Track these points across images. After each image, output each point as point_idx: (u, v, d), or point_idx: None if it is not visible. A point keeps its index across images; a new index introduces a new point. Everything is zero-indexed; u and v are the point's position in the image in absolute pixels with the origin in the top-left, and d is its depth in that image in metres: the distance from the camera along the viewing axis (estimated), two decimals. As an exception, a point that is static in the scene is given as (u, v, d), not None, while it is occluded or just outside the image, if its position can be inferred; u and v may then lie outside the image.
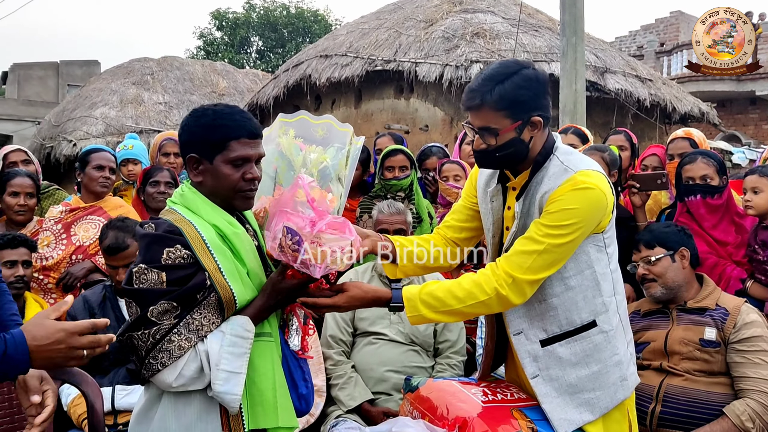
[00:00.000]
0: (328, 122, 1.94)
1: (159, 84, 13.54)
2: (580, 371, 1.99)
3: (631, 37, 19.32)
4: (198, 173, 1.81)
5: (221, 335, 1.71)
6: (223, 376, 1.68)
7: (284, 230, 1.71)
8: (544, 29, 9.22)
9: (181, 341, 1.68)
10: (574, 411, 1.98)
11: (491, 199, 2.06)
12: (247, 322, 1.75)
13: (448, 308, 1.89)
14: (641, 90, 9.03)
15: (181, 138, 1.84)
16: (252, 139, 1.80)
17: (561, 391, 1.99)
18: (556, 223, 1.86)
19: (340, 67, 9.37)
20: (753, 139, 15.08)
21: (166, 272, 1.69)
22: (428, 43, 8.83)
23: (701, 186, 3.09)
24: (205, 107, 1.84)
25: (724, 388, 2.54)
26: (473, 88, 1.89)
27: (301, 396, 1.91)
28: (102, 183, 3.58)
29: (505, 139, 1.89)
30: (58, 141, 12.19)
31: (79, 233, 3.44)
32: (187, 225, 1.74)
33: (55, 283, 3.33)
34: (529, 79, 1.87)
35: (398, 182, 3.69)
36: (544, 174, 1.94)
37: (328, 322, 3.07)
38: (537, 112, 1.89)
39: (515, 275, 1.86)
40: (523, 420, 1.94)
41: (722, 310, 2.62)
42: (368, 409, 2.86)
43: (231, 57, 24.22)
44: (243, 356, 1.72)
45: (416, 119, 9.01)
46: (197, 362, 1.70)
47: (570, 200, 1.85)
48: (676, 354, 2.61)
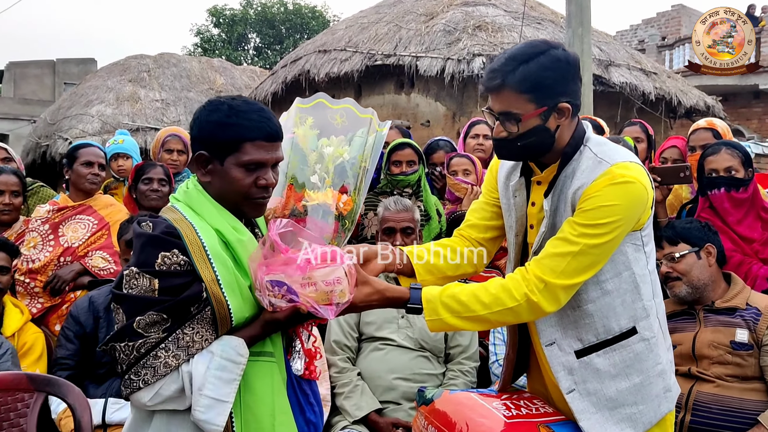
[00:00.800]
0: (348, 107, 1.77)
1: (156, 81, 13.41)
2: (621, 384, 1.81)
3: (632, 31, 19.22)
4: (206, 173, 1.63)
5: (209, 356, 1.53)
6: (206, 402, 1.51)
7: (268, 285, 1.55)
8: (547, 22, 9.11)
9: (168, 358, 1.51)
10: (614, 428, 1.80)
11: (514, 193, 1.87)
12: (241, 346, 1.57)
13: (472, 314, 1.69)
14: (646, 83, 8.92)
15: (192, 131, 1.67)
16: (269, 142, 1.62)
17: (600, 406, 1.81)
18: (592, 221, 1.67)
19: (339, 62, 9.24)
20: (756, 133, 14.97)
21: (160, 279, 1.52)
22: (429, 37, 8.70)
23: (725, 179, 2.92)
24: (221, 100, 1.65)
25: (760, 395, 2.39)
26: (494, 68, 1.70)
27: (309, 422, 1.74)
28: (91, 180, 3.41)
29: (528, 127, 1.70)
30: (54, 139, 12.07)
31: (67, 234, 3.28)
32: (187, 227, 1.57)
33: (43, 286, 3.17)
34: (557, 60, 1.67)
35: (406, 178, 3.52)
36: (574, 167, 1.75)
37: (332, 326, 2.91)
38: (565, 98, 1.70)
39: (548, 280, 1.67)
40: None
41: (754, 309, 2.48)
42: (376, 420, 2.69)
43: (228, 54, 24.09)
44: (231, 383, 1.54)
45: (417, 114, 8.88)
46: (178, 383, 1.52)
47: (608, 196, 1.66)
48: (705, 358, 2.47)
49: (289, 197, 1.76)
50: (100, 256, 3.24)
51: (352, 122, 1.77)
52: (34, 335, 2.92)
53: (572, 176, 1.75)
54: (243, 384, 1.59)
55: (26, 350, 2.81)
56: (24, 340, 2.86)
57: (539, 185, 1.85)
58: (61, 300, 3.18)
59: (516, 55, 1.68)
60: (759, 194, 3.00)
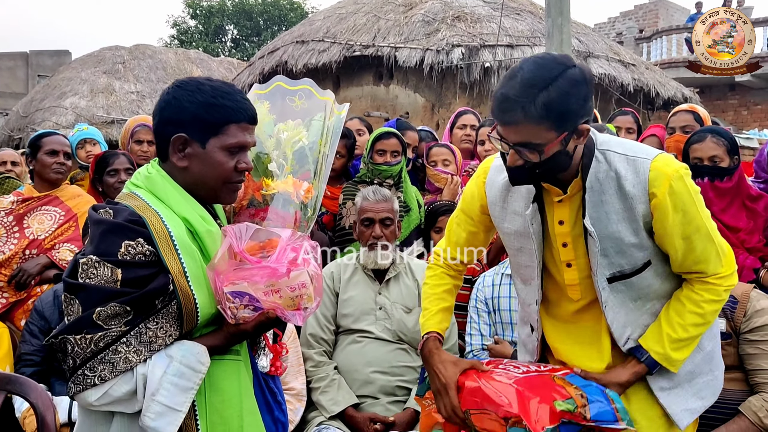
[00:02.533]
0: (307, 88, 1.71)
1: (131, 73, 13.25)
2: (696, 356, 1.83)
3: (610, 23, 19.33)
4: (183, 157, 1.54)
5: (168, 360, 1.44)
6: (158, 409, 1.42)
7: (229, 296, 1.47)
8: (526, 13, 9.09)
9: (129, 354, 1.41)
10: (694, 399, 1.83)
11: (531, 221, 1.80)
12: (203, 354, 1.48)
13: (696, 335, 1.78)
14: (624, 75, 8.96)
15: (163, 113, 1.55)
16: (251, 125, 1.57)
17: (680, 381, 1.82)
18: (696, 221, 1.71)
19: (317, 53, 9.16)
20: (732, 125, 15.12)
21: (123, 270, 1.42)
22: (408, 27, 8.66)
23: (709, 168, 2.88)
24: (200, 81, 1.56)
25: (740, 384, 2.39)
26: (510, 97, 1.56)
27: (277, 420, 1.68)
28: (56, 169, 3.28)
29: (549, 154, 1.60)
30: (27, 132, 11.84)
31: (33, 225, 3.16)
32: (153, 215, 1.48)
33: (7, 280, 3.04)
34: (576, 83, 1.56)
35: (389, 168, 3.43)
36: (597, 173, 1.70)
37: (308, 319, 2.83)
38: (584, 119, 1.61)
39: (727, 272, 1.78)
40: (569, 387, 1.72)
41: (730, 298, 2.44)
42: (353, 415, 2.63)
43: (205, 46, 23.81)
44: (188, 392, 1.45)
45: (396, 106, 8.82)
46: (131, 385, 1.43)
47: (681, 196, 1.68)
48: None
49: (247, 187, 1.69)
50: (67, 248, 3.12)
51: (311, 104, 1.71)
52: None
53: (615, 184, 1.70)
54: (209, 384, 1.52)
55: None
56: None
57: (560, 203, 1.78)
58: (27, 294, 3.06)
59: (532, 81, 1.55)
60: (745, 182, 2.97)
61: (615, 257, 1.74)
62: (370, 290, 2.82)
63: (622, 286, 1.77)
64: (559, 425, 1.61)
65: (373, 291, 2.82)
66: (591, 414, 1.64)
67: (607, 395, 1.72)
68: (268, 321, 1.52)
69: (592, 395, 1.70)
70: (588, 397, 1.68)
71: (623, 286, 1.78)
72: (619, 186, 1.68)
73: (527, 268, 1.88)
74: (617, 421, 1.66)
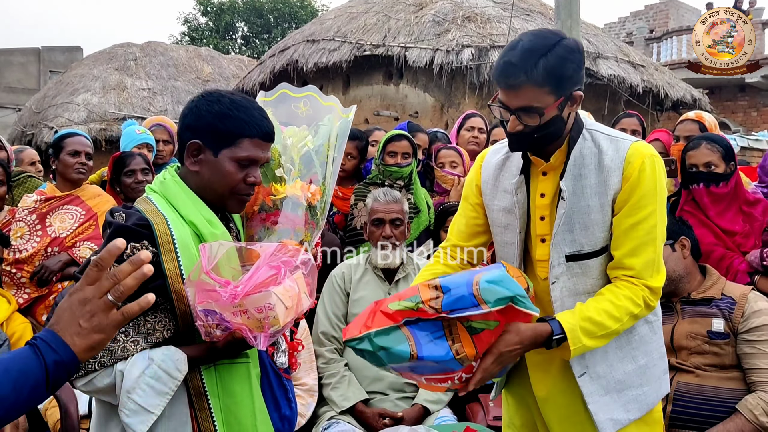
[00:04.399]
0: (311, 95, 1.77)
1: (142, 70, 13.29)
2: (627, 366, 1.86)
3: (620, 23, 19.26)
4: (196, 162, 1.62)
5: (148, 362, 1.50)
6: (132, 407, 1.48)
7: (201, 314, 1.50)
8: (536, 13, 9.11)
9: (127, 343, 1.50)
10: (620, 410, 1.85)
11: (516, 191, 1.87)
12: (182, 362, 1.53)
13: (606, 330, 1.73)
14: (633, 76, 8.95)
15: (185, 119, 1.64)
16: (265, 141, 1.63)
17: (608, 389, 1.85)
18: (649, 209, 1.74)
19: (328, 52, 9.20)
20: (742, 126, 15.08)
21: None
22: (418, 28, 8.68)
23: (704, 174, 2.95)
24: (222, 93, 1.65)
25: (738, 383, 2.43)
26: (513, 63, 1.66)
27: (284, 417, 1.75)
28: (78, 169, 3.36)
29: (548, 118, 1.71)
30: (40, 128, 11.94)
31: (54, 224, 3.24)
32: (160, 218, 1.56)
33: (29, 277, 3.14)
34: (572, 50, 1.69)
35: (400, 170, 3.49)
36: (582, 148, 1.79)
37: (320, 318, 2.92)
38: (578, 86, 1.73)
39: (652, 285, 1.77)
40: (427, 288, 1.57)
41: (728, 299, 2.52)
42: (362, 410, 2.71)
43: (216, 43, 23.88)
44: (162, 396, 1.50)
45: (406, 105, 8.86)
46: (110, 379, 1.50)
47: (648, 178, 1.73)
48: (683, 349, 2.51)
49: (258, 193, 1.76)
50: (87, 246, 3.21)
51: (316, 110, 1.77)
52: (21, 325, 2.89)
53: (596, 159, 1.77)
54: (221, 387, 1.59)
55: (14, 340, 2.78)
56: (12, 330, 2.84)
57: (545, 176, 1.86)
58: (48, 291, 3.15)
59: (533, 48, 1.66)
60: (742, 188, 3.02)
61: (579, 234, 1.79)
62: (380, 290, 2.90)
63: (578, 268, 1.81)
64: (407, 325, 1.48)
65: (382, 291, 2.89)
66: (443, 304, 1.49)
67: (472, 283, 1.52)
68: (236, 341, 1.53)
69: (451, 286, 1.53)
70: (443, 288, 1.53)
71: (579, 269, 1.82)
72: (599, 161, 1.77)
73: (510, 246, 1.92)
74: (478, 305, 1.49)
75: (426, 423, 2.67)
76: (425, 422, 2.68)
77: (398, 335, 1.46)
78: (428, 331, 1.48)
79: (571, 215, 1.78)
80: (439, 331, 1.49)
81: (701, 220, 2.99)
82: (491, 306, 1.46)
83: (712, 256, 2.90)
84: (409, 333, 1.47)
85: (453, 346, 1.48)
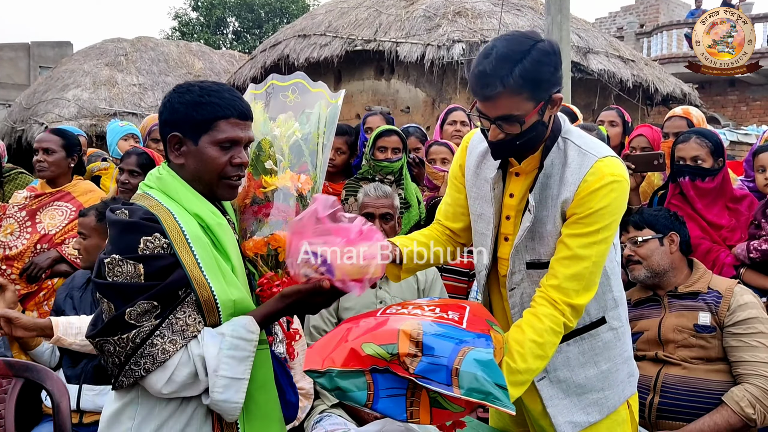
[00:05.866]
0: (299, 81, 1.77)
1: (133, 65, 13.23)
2: (589, 371, 1.86)
3: (611, 18, 19.33)
4: (179, 155, 1.63)
5: (220, 338, 1.52)
6: (223, 383, 1.50)
7: (305, 251, 1.53)
8: (527, 8, 9.13)
9: (165, 344, 1.49)
10: (580, 413, 1.86)
11: (493, 186, 1.87)
12: (251, 322, 1.56)
13: (535, 372, 1.69)
14: (624, 71, 9.00)
15: (161, 116, 1.65)
16: (242, 120, 1.63)
17: (569, 392, 1.87)
18: (593, 228, 1.70)
19: (319, 47, 9.21)
20: (731, 121, 15.17)
21: (144, 264, 1.50)
22: (409, 23, 8.70)
23: (690, 168, 2.97)
24: (191, 83, 1.65)
25: (724, 375, 2.46)
26: (488, 73, 1.62)
27: (288, 403, 1.77)
28: (38, 168, 3.31)
29: (529, 125, 1.69)
30: (30, 124, 11.87)
31: (44, 221, 3.24)
32: (165, 212, 1.56)
33: (19, 273, 3.14)
34: (547, 53, 1.65)
35: (390, 164, 3.50)
36: (554, 159, 1.77)
37: (311, 312, 2.93)
38: (556, 88, 1.70)
39: (574, 303, 1.71)
40: (410, 333, 1.52)
41: (715, 293, 2.53)
42: (353, 403, 2.73)
43: (207, 38, 23.79)
44: (246, 360, 1.53)
45: (397, 100, 8.88)
46: (190, 367, 1.51)
47: (601, 198, 1.69)
48: (671, 342, 2.53)
49: (249, 186, 1.76)
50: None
51: (305, 98, 1.76)
52: None
53: (561, 170, 1.76)
54: None
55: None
56: None
57: (517, 176, 1.86)
58: (38, 287, 3.16)
59: (507, 55, 1.63)
60: (729, 185, 3.05)
61: (537, 243, 1.80)
62: (370, 284, 2.91)
63: (537, 276, 1.82)
64: (372, 373, 1.44)
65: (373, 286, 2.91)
66: (417, 368, 1.43)
67: (455, 358, 1.44)
68: (317, 290, 1.56)
69: (434, 349, 1.45)
70: (425, 348, 1.45)
71: (537, 277, 1.82)
72: (562, 174, 1.75)
73: (482, 236, 1.93)
74: (451, 386, 1.41)
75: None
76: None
77: (360, 381, 1.44)
78: (391, 386, 1.45)
79: (534, 225, 1.79)
80: (402, 390, 1.45)
81: (688, 213, 3.01)
82: (463, 394, 1.39)
83: (698, 250, 2.93)
84: (371, 381, 1.44)
85: (409, 408, 1.45)
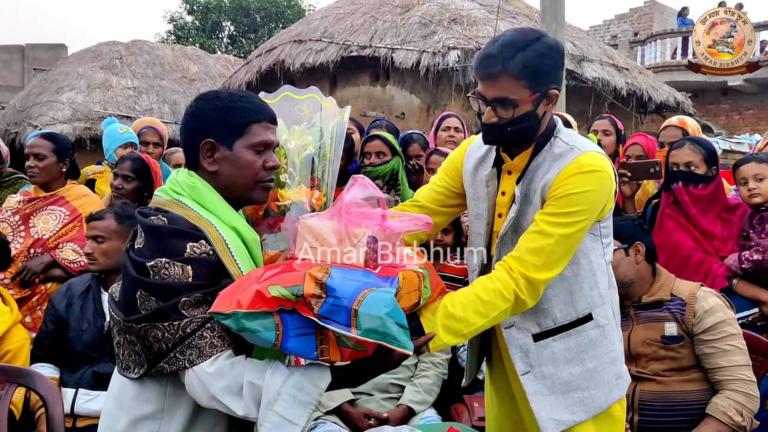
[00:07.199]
0: (313, 96, 1.77)
1: (128, 68, 13.21)
2: (574, 368, 1.86)
3: (605, 26, 19.43)
4: (213, 162, 1.60)
5: (288, 372, 1.46)
6: (275, 419, 1.42)
7: (368, 240, 1.49)
8: (522, 16, 9.19)
9: (214, 338, 1.46)
10: (565, 411, 1.85)
11: (486, 183, 1.91)
12: (325, 371, 1.49)
13: (473, 327, 1.67)
14: (618, 79, 9.06)
15: (189, 124, 1.61)
16: (272, 124, 1.64)
17: (553, 389, 1.86)
18: (563, 210, 1.71)
19: (315, 53, 9.22)
20: (724, 129, 15.25)
21: (192, 266, 1.47)
22: (405, 29, 8.73)
23: (683, 173, 2.97)
24: (216, 91, 1.65)
25: (700, 384, 2.42)
26: (492, 54, 1.71)
27: None
28: (30, 174, 3.28)
29: (521, 112, 1.74)
30: (24, 126, 11.81)
31: (38, 225, 3.21)
32: (207, 224, 1.52)
33: (11, 278, 3.11)
34: (551, 48, 1.73)
35: (374, 169, 3.50)
36: (545, 156, 1.81)
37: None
38: (554, 85, 1.76)
39: (531, 276, 1.70)
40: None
41: (678, 300, 2.48)
42: (348, 411, 2.72)
43: (202, 42, 23.81)
44: (306, 406, 1.45)
45: (392, 106, 8.90)
46: (259, 375, 1.45)
47: (576, 184, 1.72)
48: (641, 356, 2.48)
49: None
50: (70, 248, 3.18)
51: (316, 112, 1.77)
52: (18, 343, 2.60)
53: (542, 164, 1.80)
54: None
55: (8, 359, 2.54)
56: (7, 347, 2.57)
57: (509, 175, 1.89)
58: (31, 292, 3.12)
59: (513, 42, 1.71)
60: (723, 194, 3.05)
61: (521, 235, 1.80)
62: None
63: None
64: (280, 313, 1.40)
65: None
66: (320, 309, 1.40)
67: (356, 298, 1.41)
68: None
69: (337, 290, 1.42)
70: (328, 289, 1.42)
71: None
72: (548, 169, 1.79)
73: (478, 236, 1.96)
74: (349, 327, 1.39)
75: (411, 423, 2.69)
76: (410, 422, 2.70)
77: (268, 321, 1.40)
78: (300, 325, 1.42)
79: (519, 218, 1.82)
80: (311, 329, 1.42)
81: (681, 224, 3.00)
82: (360, 334, 1.38)
83: (691, 261, 2.92)
84: (280, 321, 1.40)
85: (320, 346, 1.43)
